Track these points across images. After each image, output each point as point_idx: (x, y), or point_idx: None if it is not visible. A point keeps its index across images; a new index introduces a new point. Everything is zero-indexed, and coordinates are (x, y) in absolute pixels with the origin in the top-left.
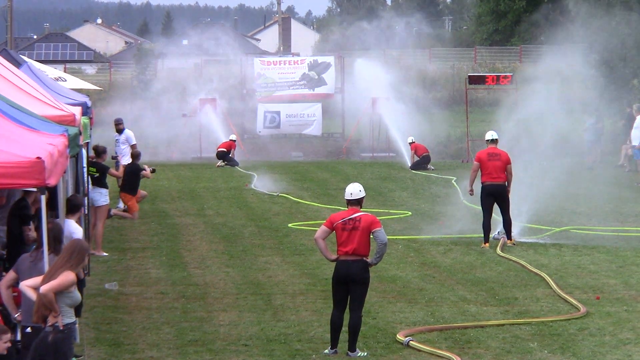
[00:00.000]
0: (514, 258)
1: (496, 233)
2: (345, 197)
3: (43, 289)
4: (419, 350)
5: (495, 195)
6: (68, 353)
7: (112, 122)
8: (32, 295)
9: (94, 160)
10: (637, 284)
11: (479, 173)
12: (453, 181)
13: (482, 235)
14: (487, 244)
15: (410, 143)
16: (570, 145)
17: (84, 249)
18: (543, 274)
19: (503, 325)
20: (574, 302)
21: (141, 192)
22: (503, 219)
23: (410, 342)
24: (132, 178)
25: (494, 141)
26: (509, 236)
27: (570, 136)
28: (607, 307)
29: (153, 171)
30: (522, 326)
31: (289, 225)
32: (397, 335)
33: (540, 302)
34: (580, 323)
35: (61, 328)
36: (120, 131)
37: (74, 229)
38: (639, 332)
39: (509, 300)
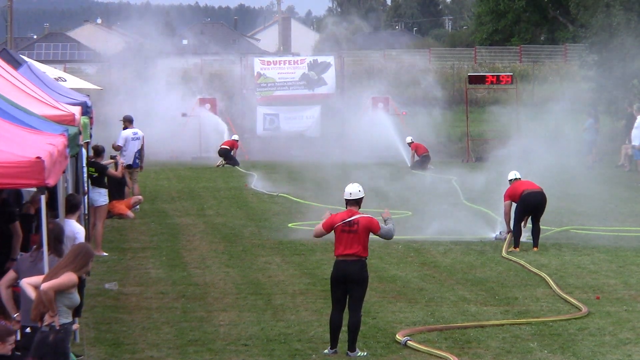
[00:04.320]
0: (513, 258)
1: (498, 233)
2: (344, 197)
3: (44, 286)
4: (418, 351)
5: (536, 205)
6: (67, 353)
7: (112, 122)
8: (32, 293)
9: (93, 160)
10: (637, 284)
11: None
12: (453, 181)
13: (482, 235)
14: (517, 248)
15: (409, 143)
16: (570, 145)
17: (90, 254)
18: (543, 274)
19: (503, 325)
20: (575, 302)
21: (134, 197)
22: (533, 227)
23: (408, 342)
24: (107, 180)
25: (519, 179)
26: (535, 243)
27: (570, 136)
28: (607, 307)
29: (129, 167)
30: (522, 326)
31: (289, 225)
32: (397, 335)
33: (540, 302)
34: (580, 323)
35: (57, 327)
36: (124, 129)
37: (77, 229)
38: (639, 332)
39: (509, 300)
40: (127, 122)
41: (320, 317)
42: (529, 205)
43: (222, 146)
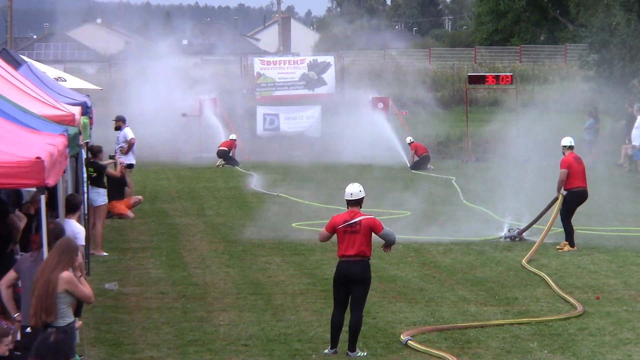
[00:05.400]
0: (533, 269)
1: (506, 231)
2: (345, 198)
3: (87, 294)
4: (418, 351)
5: (580, 204)
6: (69, 353)
7: (112, 122)
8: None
9: (91, 160)
10: (637, 284)
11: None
12: (453, 181)
13: (483, 236)
14: (575, 247)
15: (409, 143)
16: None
17: (73, 247)
18: (543, 274)
19: (503, 325)
20: (573, 300)
21: (134, 197)
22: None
23: (409, 342)
24: (107, 180)
25: (572, 147)
26: (572, 242)
27: (570, 136)
28: (607, 307)
29: (129, 166)
30: (522, 326)
31: (293, 225)
32: (401, 336)
33: (540, 302)
34: (580, 323)
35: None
36: (118, 129)
37: (77, 229)
38: (639, 332)
39: (509, 300)
40: (122, 121)
41: (320, 317)
42: (578, 202)
43: (220, 147)
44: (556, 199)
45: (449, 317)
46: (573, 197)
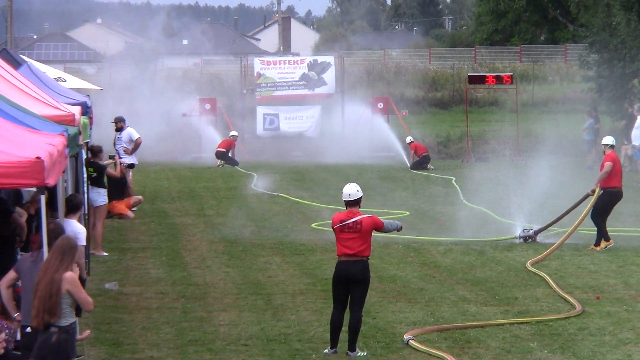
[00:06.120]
0: (536, 271)
1: (521, 231)
2: (343, 199)
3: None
4: (418, 350)
5: (617, 202)
6: (70, 353)
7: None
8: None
9: (91, 160)
10: (637, 283)
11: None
12: (453, 181)
13: (481, 236)
14: (599, 247)
15: (409, 143)
16: (570, 145)
17: (74, 244)
18: (543, 274)
19: (503, 325)
20: (572, 300)
21: (134, 197)
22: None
23: (410, 341)
24: (107, 180)
25: (613, 147)
26: (599, 242)
27: (570, 136)
28: (607, 307)
29: (131, 166)
30: (522, 326)
31: (312, 225)
32: (405, 335)
33: (540, 302)
34: (580, 323)
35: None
36: (120, 129)
37: (78, 229)
38: (639, 332)
39: (509, 300)
40: (122, 122)
41: (320, 317)
42: (614, 202)
43: (219, 149)
44: (592, 191)
45: (449, 317)
46: (609, 196)
